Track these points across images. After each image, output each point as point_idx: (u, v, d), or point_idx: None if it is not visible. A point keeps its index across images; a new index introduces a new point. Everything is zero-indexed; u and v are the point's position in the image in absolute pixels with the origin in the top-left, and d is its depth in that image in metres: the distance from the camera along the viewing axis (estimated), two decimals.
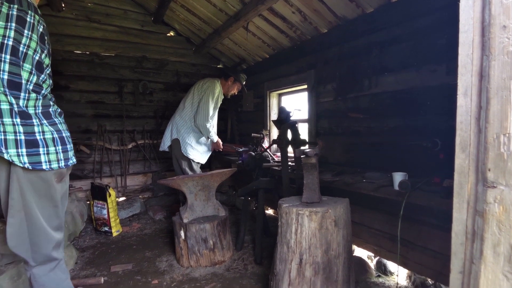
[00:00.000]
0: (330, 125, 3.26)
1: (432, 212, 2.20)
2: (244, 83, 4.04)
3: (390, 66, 2.55)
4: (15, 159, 1.44)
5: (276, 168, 3.24)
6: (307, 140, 3.17)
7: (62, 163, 1.58)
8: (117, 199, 4.28)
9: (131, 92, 4.68)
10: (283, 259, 1.97)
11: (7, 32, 1.38)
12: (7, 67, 1.39)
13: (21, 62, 1.44)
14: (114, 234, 3.57)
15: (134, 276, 2.59)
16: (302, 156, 2.09)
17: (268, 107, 4.47)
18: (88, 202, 3.88)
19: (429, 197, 1.82)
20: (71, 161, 1.65)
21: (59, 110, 1.67)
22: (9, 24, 1.38)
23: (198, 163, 3.82)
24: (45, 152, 1.52)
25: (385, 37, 2.59)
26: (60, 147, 1.58)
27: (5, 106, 1.41)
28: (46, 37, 1.57)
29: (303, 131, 3.82)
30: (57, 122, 1.60)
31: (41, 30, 1.52)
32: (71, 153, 1.66)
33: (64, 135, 1.62)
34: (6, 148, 1.42)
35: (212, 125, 3.80)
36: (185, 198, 2.99)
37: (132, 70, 4.66)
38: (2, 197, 1.52)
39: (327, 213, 1.89)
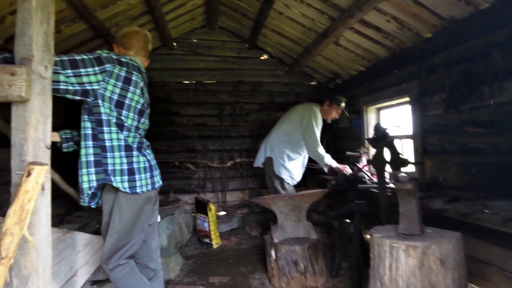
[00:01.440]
0: (440, 142, 2.87)
1: None
2: (343, 105, 3.92)
3: None
4: (120, 185, 1.75)
5: (374, 190, 3.03)
6: (410, 160, 2.86)
7: (149, 187, 1.87)
8: (217, 213, 4.62)
9: (230, 114, 5.06)
10: None
11: (115, 89, 1.73)
12: (115, 114, 1.75)
13: (124, 111, 1.78)
14: (214, 246, 3.84)
15: None
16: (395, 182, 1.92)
17: (365, 123, 4.26)
18: (193, 214, 4.28)
19: None
20: (157, 184, 1.95)
21: (148, 143, 2.00)
22: (117, 82, 1.74)
23: (291, 183, 3.84)
24: (140, 178, 1.81)
25: (508, 35, 2.20)
26: (148, 174, 1.88)
27: (115, 143, 1.76)
28: (145, 91, 1.94)
29: (407, 149, 3.49)
30: (146, 154, 1.92)
31: (141, 85, 1.88)
32: (157, 178, 1.95)
33: (152, 163, 1.93)
34: (114, 176, 1.74)
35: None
36: (276, 218, 3.04)
37: (230, 94, 5.05)
38: (104, 218, 1.82)
39: (429, 249, 1.64)
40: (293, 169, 3.78)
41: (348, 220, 3.25)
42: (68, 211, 3.43)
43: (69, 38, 3.14)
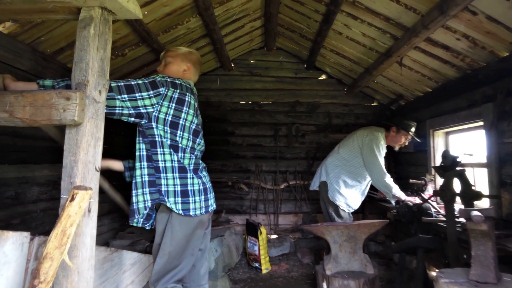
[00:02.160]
0: None
1: None
2: (413, 131, 3.54)
3: None
4: (173, 206, 1.75)
5: (442, 224, 2.68)
6: (484, 193, 2.48)
7: (203, 210, 1.83)
8: (268, 236, 4.49)
9: (285, 135, 4.96)
10: None
11: (169, 111, 1.76)
12: (169, 135, 1.77)
13: (178, 132, 1.79)
14: (264, 271, 3.70)
15: None
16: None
17: (431, 148, 3.86)
18: (244, 236, 4.21)
19: None
20: (211, 208, 1.90)
21: (204, 165, 1.97)
22: (171, 104, 1.76)
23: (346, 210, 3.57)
24: (193, 201, 1.79)
25: None
26: (202, 197, 1.84)
27: (169, 164, 1.76)
28: (198, 111, 1.95)
29: (480, 180, 3.08)
30: (202, 176, 1.89)
31: (195, 105, 1.90)
32: (211, 201, 1.90)
33: (207, 186, 1.89)
34: (167, 197, 1.75)
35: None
36: (329, 248, 2.83)
37: (286, 114, 4.98)
38: (157, 238, 1.81)
39: None
40: (349, 196, 3.50)
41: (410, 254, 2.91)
42: (122, 225, 3.59)
43: (133, 61, 3.37)
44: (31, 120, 1.31)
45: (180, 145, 1.79)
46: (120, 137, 3.95)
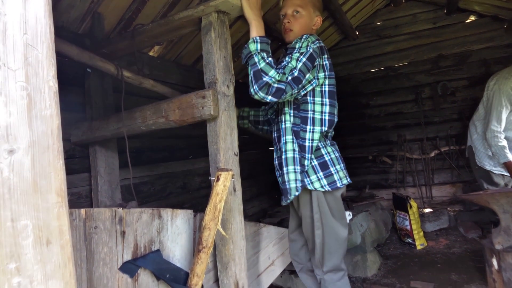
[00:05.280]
0: None
1: None
2: None
3: None
4: (317, 185, 1.62)
5: None
6: None
7: (348, 179, 1.73)
8: (421, 210, 4.10)
9: (429, 97, 4.38)
10: None
11: (325, 81, 1.65)
12: (326, 108, 1.65)
13: (335, 101, 1.70)
14: (418, 247, 3.42)
15: None
16: None
17: None
18: (392, 211, 3.98)
19: None
20: (348, 179, 1.75)
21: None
22: (325, 73, 1.65)
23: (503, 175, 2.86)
24: (336, 170, 1.66)
25: None
26: (342, 165, 1.72)
27: (315, 144, 1.65)
28: None
29: None
30: (333, 143, 1.76)
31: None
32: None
33: (339, 154, 1.76)
34: (308, 177, 1.64)
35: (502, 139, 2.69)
36: (497, 218, 2.39)
37: (427, 73, 4.38)
38: (307, 226, 1.73)
39: None
40: None
41: None
42: (271, 206, 3.93)
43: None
44: (181, 121, 1.60)
45: (330, 118, 1.67)
46: None
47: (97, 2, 1.97)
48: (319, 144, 1.69)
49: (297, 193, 1.63)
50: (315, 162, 1.66)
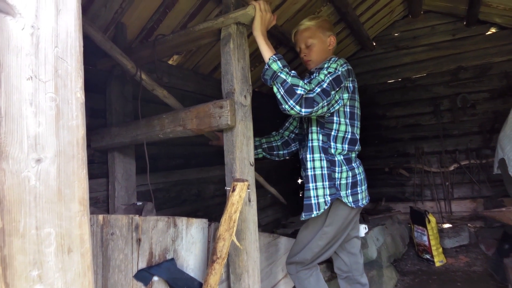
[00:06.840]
0: None
1: None
2: None
3: None
4: (346, 200, 1.71)
5: None
6: None
7: (367, 199, 1.82)
8: (440, 225, 3.99)
9: (448, 109, 4.30)
10: None
11: (347, 102, 1.73)
12: (349, 128, 1.76)
13: (356, 122, 1.78)
14: (437, 264, 3.32)
15: None
16: None
17: None
18: (409, 225, 3.88)
19: None
20: (367, 199, 1.84)
21: None
22: (350, 95, 1.73)
23: None
24: (361, 191, 1.76)
25: None
26: (364, 187, 1.80)
27: (342, 157, 1.75)
28: None
29: None
30: (359, 164, 1.84)
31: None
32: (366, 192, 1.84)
33: (365, 175, 1.84)
34: (341, 190, 1.72)
35: None
36: None
37: (446, 85, 4.31)
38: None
39: None
40: None
41: None
42: (285, 216, 3.90)
43: None
44: (198, 129, 1.61)
45: (353, 137, 1.77)
46: None
47: (121, 12, 2.03)
48: (353, 164, 1.78)
49: (326, 207, 1.69)
50: (350, 180, 1.73)
